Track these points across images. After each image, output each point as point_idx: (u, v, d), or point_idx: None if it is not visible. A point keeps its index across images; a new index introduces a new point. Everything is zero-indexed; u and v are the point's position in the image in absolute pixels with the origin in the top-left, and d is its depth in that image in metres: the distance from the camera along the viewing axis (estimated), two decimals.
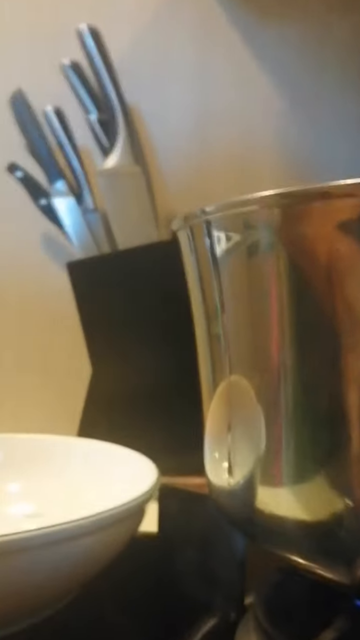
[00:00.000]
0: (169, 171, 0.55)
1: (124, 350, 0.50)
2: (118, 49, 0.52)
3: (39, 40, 0.56)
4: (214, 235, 0.22)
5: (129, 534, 0.29)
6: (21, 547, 0.24)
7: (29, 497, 0.34)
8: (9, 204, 0.57)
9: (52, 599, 0.28)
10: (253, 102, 0.55)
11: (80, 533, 0.25)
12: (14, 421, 0.57)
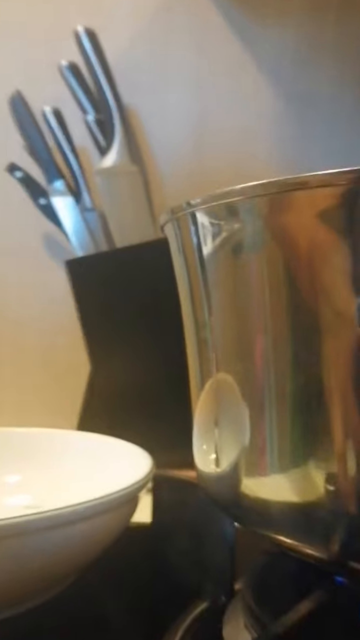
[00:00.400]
0: (166, 170, 0.56)
1: (122, 347, 0.51)
2: (115, 50, 0.53)
3: (37, 41, 0.57)
4: (200, 226, 0.23)
5: (123, 522, 0.29)
6: (18, 532, 0.24)
7: (28, 489, 0.35)
8: (9, 203, 0.58)
9: (49, 584, 0.28)
10: (249, 102, 0.55)
11: (76, 518, 0.26)
12: (15, 417, 0.58)
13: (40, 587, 0.28)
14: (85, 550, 0.28)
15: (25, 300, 0.59)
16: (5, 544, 0.24)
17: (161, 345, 0.49)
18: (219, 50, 0.55)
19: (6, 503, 0.35)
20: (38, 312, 0.59)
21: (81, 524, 0.27)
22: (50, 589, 0.29)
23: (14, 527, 0.24)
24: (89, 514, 0.27)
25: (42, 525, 0.25)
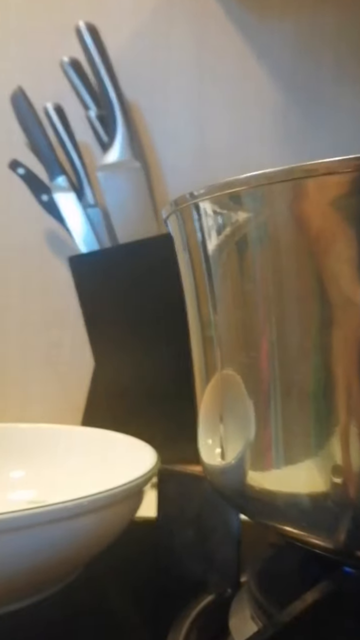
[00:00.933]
0: (168, 166, 0.56)
1: (126, 343, 0.51)
2: (116, 45, 0.53)
3: (38, 38, 0.57)
4: (204, 218, 0.23)
5: (128, 515, 0.30)
6: (23, 525, 0.25)
7: (32, 484, 0.35)
8: (12, 200, 0.58)
9: (55, 577, 0.28)
10: (251, 96, 0.55)
11: (80, 512, 0.26)
12: (20, 413, 0.58)
13: (45, 581, 0.28)
14: (90, 543, 0.28)
15: (29, 297, 0.59)
16: (10, 537, 0.24)
17: (164, 340, 0.49)
18: (220, 44, 0.55)
19: (10, 498, 0.35)
20: (42, 309, 0.59)
21: (86, 517, 0.27)
22: (56, 582, 0.29)
23: (19, 521, 0.24)
24: (94, 507, 0.27)
25: (47, 519, 0.25)
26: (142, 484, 0.29)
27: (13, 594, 0.27)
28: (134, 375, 0.50)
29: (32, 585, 0.27)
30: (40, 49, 0.57)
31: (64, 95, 0.53)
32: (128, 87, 0.53)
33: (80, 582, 0.29)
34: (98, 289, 0.52)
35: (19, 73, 0.56)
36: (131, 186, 0.52)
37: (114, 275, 0.51)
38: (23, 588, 0.27)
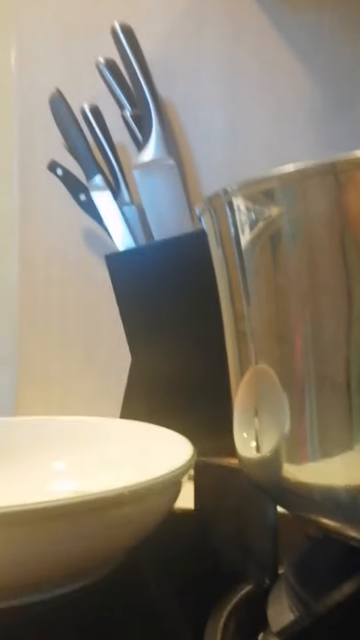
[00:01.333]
0: (202, 162, 0.57)
1: (161, 338, 0.52)
2: (150, 45, 0.53)
3: (75, 40, 0.58)
4: (237, 214, 0.23)
5: (166, 506, 0.30)
6: (67, 512, 0.26)
7: (74, 474, 0.37)
8: (51, 200, 0.60)
9: (96, 564, 0.29)
10: (285, 92, 0.55)
11: (121, 501, 0.27)
12: (60, 407, 0.60)
13: (86, 568, 0.29)
14: (130, 533, 0.29)
15: (68, 295, 0.61)
16: (53, 525, 0.26)
17: (200, 335, 0.49)
18: (253, 40, 0.55)
19: (54, 488, 0.36)
20: (80, 306, 0.61)
21: (126, 507, 0.28)
22: (97, 570, 0.30)
23: (62, 509, 0.25)
24: (134, 498, 0.27)
25: (89, 508, 0.26)
26: (180, 475, 0.30)
27: (56, 580, 0.28)
28: (169, 369, 0.51)
29: (74, 571, 0.28)
30: (76, 50, 0.58)
31: (100, 96, 0.54)
32: (162, 86, 0.53)
33: (121, 571, 0.30)
34: (134, 285, 0.53)
35: (57, 75, 0.57)
36: (166, 183, 0.52)
37: (149, 271, 0.52)
38: (66, 574, 0.28)
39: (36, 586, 0.27)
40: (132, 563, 0.31)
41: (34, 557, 0.26)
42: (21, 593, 0.27)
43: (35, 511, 0.25)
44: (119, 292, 0.54)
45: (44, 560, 0.26)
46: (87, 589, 0.29)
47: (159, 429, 0.37)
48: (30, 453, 0.38)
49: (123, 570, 0.30)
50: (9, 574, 0.26)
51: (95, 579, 0.29)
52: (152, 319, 0.52)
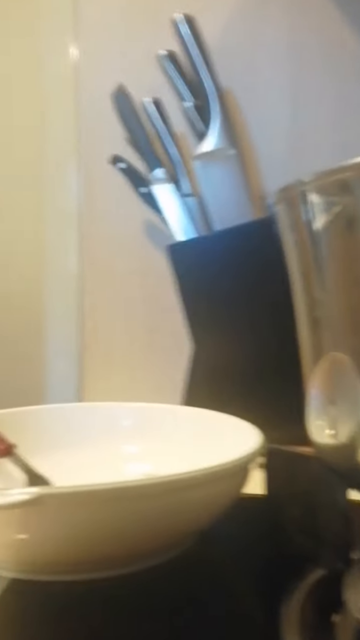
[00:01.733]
0: (263, 151, 0.56)
1: (223, 326, 0.52)
2: (211, 34, 0.53)
3: (136, 34, 0.59)
4: (312, 204, 0.23)
5: (236, 490, 0.31)
6: (143, 493, 0.27)
7: (145, 458, 0.38)
8: (113, 194, 0.62)
9: (167, 545, 0.31)
10: (348, 79, 0.53)
11: (192, 484, 0.28)
12: (124, 393, 0.62)
13: (156, 548, 0.30)
14: (201, 514, 0.30)
15: (130, 286, 0.63)
16: (129, 504, 0.27)
17: (262, 323, 0.50)
18: (316, 27, 0.54)
19: (126, 470, 0.38)
20: (142, 296, 0.62)
21: (197, 490, 0.28)
22: (167, 551, 0.31)
23: (139, 489, 0.27)
24: (206, 480, 0.28)
25: (163, 489, 0.27)
26: (249, 460, 0.30)
27: (128, 558, 0.29)
28: (231, 358, 0.52)
29: (144, 551, 0.30)
30: (137, 44, 0.59)
31: (160, 88, 0.55)
32: (223, 75, 0.53)
33: (191, 554, 0.31)
34: (195, 275, 0.54)
35: (119, 70, 0.59)
36: (227, 173, 0.52)
37: (210, 261, 0.53)
38: (136, 553, 0.29)
39: (108, 563, 0.29)
40: (203, 546, 0.32)
41: (108, 534, 0.27)
42: (92, 568, 0.29)
43: (113, 490, 0.26)
44: (180, 281, 0.55)
45: (117, 538, 0.27)
46: (157, 569, 0.30)
47: (225, 417, 0.37)
48: (102, 437, 0.40)
49: (193, 553, 0.31)
50: (82, 549, 0.27)
51: (165, 560, 0.30)
52: (213, 308, 0.53)
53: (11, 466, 0.36)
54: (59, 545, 0.27)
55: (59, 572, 0.29)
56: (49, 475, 0.35)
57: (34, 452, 0.37)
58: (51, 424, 0.40)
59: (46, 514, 0.26)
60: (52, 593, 0.28)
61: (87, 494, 0.26)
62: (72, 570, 0.29)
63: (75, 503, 0.26)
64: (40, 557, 0.28)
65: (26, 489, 0.25)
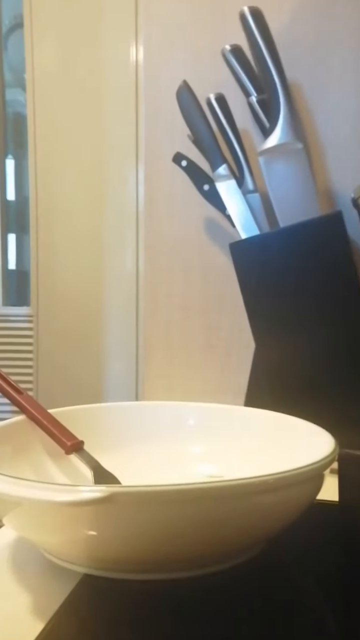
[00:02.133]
0: (330, 146, 0.54)
1: (288, 326, 0.51)
2: (278, 26, 0.52)
3: (200, 30, 0.58)
4: None
5: (309, 496, 0.30)
6: (211, 496, 0.26)
7: (211, 459, 0.37)
8: (174, 191, 0.62)
9: (236, 549, 0.30)
10: None
11: (265, 489, 0.27)
12: (184, 393, 0.62)
13: (227, 552, 0.30)
14: (271, 520, 0.29)
15: (189, 284, 0.62)
16: (196, 506, 0.26)
17: (329, 323, 0.48)
18: None
19: (192, 470, 0.37)
20: (201, 295, 0.62)
21: (267, 495, 0.28)
22: (241, 553, 0.30)
23: (207, 492, 0.26)
24: (278, 486, 0.27)
25: (232, 493, 0.27)
26: (324, 466, 0.29)
27: (195, 561, 0.29)
28: (296, 358, 0.50)
29: (213, 554, 0.29)
30: (201, 41, 0.58)
31: (223, 84, 0.54)
32: (289, 67, 0.52)
33: (261, 560, 0.30)
34: (259, 273, 0.53)
35: (182, 67, 0.58)
36: (293, 168, 0.51)
37: (275, 258, 0.51)
38: (205, 556, 0.29)
39: (175, 565, 0.29)
40: (273, 553, 0.31)
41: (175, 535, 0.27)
42: (160, 569, 0.28)
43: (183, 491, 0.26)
44: (243, 280, 0.54)
45: (184, 539, 0.27)
46: (224, 573, 0.29)
47: (294, 419, 0.36)
48: (167, 436, 0.40)
49: (262, 559, 0.30)
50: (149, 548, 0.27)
51: (232, 565, 0.30)
52: (278, 306, 0.52)
53: (78, 462, 0.37)
54: (127, 543, 0.27)
55: (129, 570, 0.29)
56: (115, 473, 0.36)
57: (99, 450, 0.37)
58: (116, 422, 0.41)
59: (116, 511, 0.26)
60: (122, 590, 0.28)
61: (157, 493, 0.26)
62: (141, 569, 0.29)
63: (146, 502, 0.26)
64: (109, 554, 0.28)
65: (97, 486, 0.25)
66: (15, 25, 1.27)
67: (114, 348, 1.13)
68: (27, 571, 0.30)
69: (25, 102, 1.23)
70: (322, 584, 0.29)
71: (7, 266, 1.30)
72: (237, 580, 0.29)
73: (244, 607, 0.27)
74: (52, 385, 1.20)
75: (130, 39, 1.10)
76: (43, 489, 0.26)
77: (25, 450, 0.36)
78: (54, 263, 1.21)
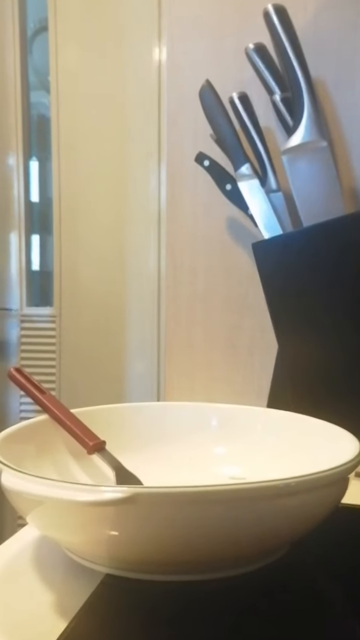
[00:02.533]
0: (355, 143, 0.53)
1: (312, 327, 0.50)
2: (302, 24, 0.52)
3: (223, 30, 0.58)
4: None
5: (333, 501, 0.29)
6: (233, 498, 0.26)
7: (234, 460, 0.37)
8: (196, 191, 0.61)
9: (258, 552, 0.30)
10: None
11: (287, 492, 0.27)
12: (206, 394, 0.62)
13: (249, 555, 0.29)
14: (294, 524, 0.29)
15: (212, 284, 0.62)
16: (219, 508, 0.26)
17: (356, 324, 0.47)
18: None
19: (214, 471, 0.37)
20: (223, 295, 0.61)
21: (291, 498, 0.27)
22: (261, 557, 0.30)
23: (229, 494, 0.26)
24: (301, 489, 0.27)
25: (254, 495, 0.26)
26: (349, 470, 0.29)
27: (217, 563, 0.29)
28: (321, 360, 0.50)
29: (235, 556, 0.29)
30: (225, 39, 0.58)
31: (246, 83, 0.54)
32: (313, 65, 0.51)
33: (286, 562, 0.30)
34: (283, 273, 0.52)
35: (205, 67, 0.58)
36: (317, 166, 0.50)
37: (299, 258, 0.51)
38: (227, 558, 0.29)
39: (197, 566, 0.28)
40: (298, 555, 0.30)
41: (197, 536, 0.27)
42: (181, 570, 0.28)
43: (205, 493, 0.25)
44: (266, 280, 0.53)
45: (206, 541, 0.27)
46: (248, 576, 0.29)
47: (318, 422, 0.36)
48: (189, 437, 0.39)
49: (288, 561, 0.30)
50: (170, 549, 0.27)
51: (258, 567, 0.30)
52: (302, 307, 0.51)
53: (100, 462, 0.37)
54: (149, 543, 0.27)
55: (150, 571, 0.29)
56: (136, 473, 0.36)
57: (121, 450, 0.37)
58: (138, 422, 0.41)
59: (137, 512, 0.26)
60: (144, 591, 0.28)
61: (179, 495, 0.26)
62: (163, 570, 0.29)
63: (167, 503, 0.26)
64: (131, 554, 0.28)
65: (119, 487, 0.25)
66: (40, 29, 1.28)
67: (136, 348, 1.13)
68: (50, 570, 0.30)
69: (49, 104, 1.25)
70: (346, 588, 0.28)
71: (31, 267, 1.32)
72: (259, 584, 0.29)
73: (266, 610, 0.27)
74: (75, 385, 1.21)
75: (153, 40, 1.11)
76: (66, 488, 0.26)
77: (48, 449, 0.36)
78: (77, 264, 1.22)
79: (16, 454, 0.31)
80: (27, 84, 1.29)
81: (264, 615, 0.26)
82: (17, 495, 0.27)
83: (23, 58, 1.27)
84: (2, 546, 0.33)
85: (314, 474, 0.27)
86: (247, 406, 0.40)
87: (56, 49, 1.21)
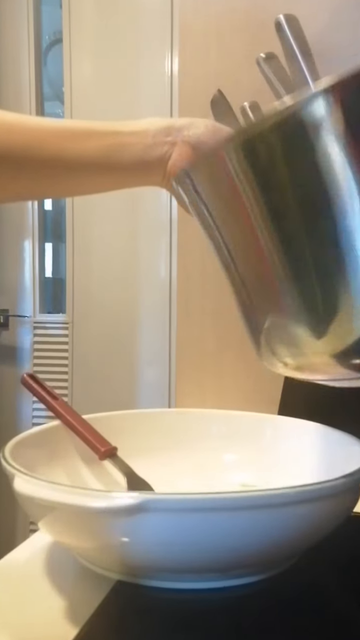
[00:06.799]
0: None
1: None
2: (314, 32, 0.52)
3: (234, 38, 0.59)
4: None
5: (345, 509, 0.29)
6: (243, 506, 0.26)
7: (245, 468, 0.37)
8: None
9: (270, 560, 0.29)
10: None
11: (298, 500, 0.27)
12: (217, 401, 0.62)
13: (260, 563, 0.29)
14: (305, 532, 0.28)
15: (224, 291, 0.62)
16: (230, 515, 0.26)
17: None
18: None
19: (224, 478, 0.37)
20: (235, 304, 0.61)
21: (302, 506, 0.27)
22: (273, 566, 0.30)
23: (240, 501, 0.26)
24: (312, 497, 0.27)
25: (266, 503, 0.26)
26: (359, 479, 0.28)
27: (227, 570, 0.29)
28: None
29: (247, 564, 0.29)
30: (236, 49, 0.58)
31: (258, 92, 0.54)
32: (325, 74, 0.51)
33: (297, 570, 0.30)
34: None
35: (217, 76, 0.59)
36: None
37: None
38: (237, 565, 0.28)
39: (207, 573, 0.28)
40: (310, 563, 0.30)
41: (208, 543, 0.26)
42: (191, 578, 0.28)
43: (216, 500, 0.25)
44: None
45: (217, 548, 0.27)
46: (260, 584, 0.29)
47: (329, 430, 0.36)
48: (200, 443, 0.40)
49: (299, 569, 0.30)
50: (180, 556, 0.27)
51: (269, 575, 0.29)
52: None
53: (112, 468, 0.37)
54: (159, 550, 0.27)
55: (161, 578, 0.29)
56: (148, 479, 0.36)
57: (132, 456, 0.37)
58: (149, 429, 0.41)
59: (148, 519, 0.26)
60: (154, 598, 0.28)
61: (190, 502, 0.26)
62: (173, 577, 0.29)
63: (179, 510, 0.26)
64: (141, 560, 0.28)
65: (130, 493, 0.26)
66: (55, 41, 1.30)
67: (147, 355, 1.14)
68: (62, 576, 0.30)
69: (63, 115, 1.26)
70: (356, 594, 0.28)
71: (44, 274, 1.33)
72: (271, 591, 0.29)
73: (277, 618, 0.27)
74: (87, 391, 1.21)
75: (165, 51, 1.12)
76: (77, 494, 0.26)
77: (60, 455, 0.37)
78: (89, 271, 1.23)
79: (28, 460, 0.31)
80: (41, 94, 1.31)
81: (276, 623, 0.26)
82: (29, 500, 0.27)
83: (38, 69, 1.29)
84: (15, 551, 0.33)
85: (326, 482, 0.27)
86: (258, 413, 0.40)
87: (70, 61, 1.23)
